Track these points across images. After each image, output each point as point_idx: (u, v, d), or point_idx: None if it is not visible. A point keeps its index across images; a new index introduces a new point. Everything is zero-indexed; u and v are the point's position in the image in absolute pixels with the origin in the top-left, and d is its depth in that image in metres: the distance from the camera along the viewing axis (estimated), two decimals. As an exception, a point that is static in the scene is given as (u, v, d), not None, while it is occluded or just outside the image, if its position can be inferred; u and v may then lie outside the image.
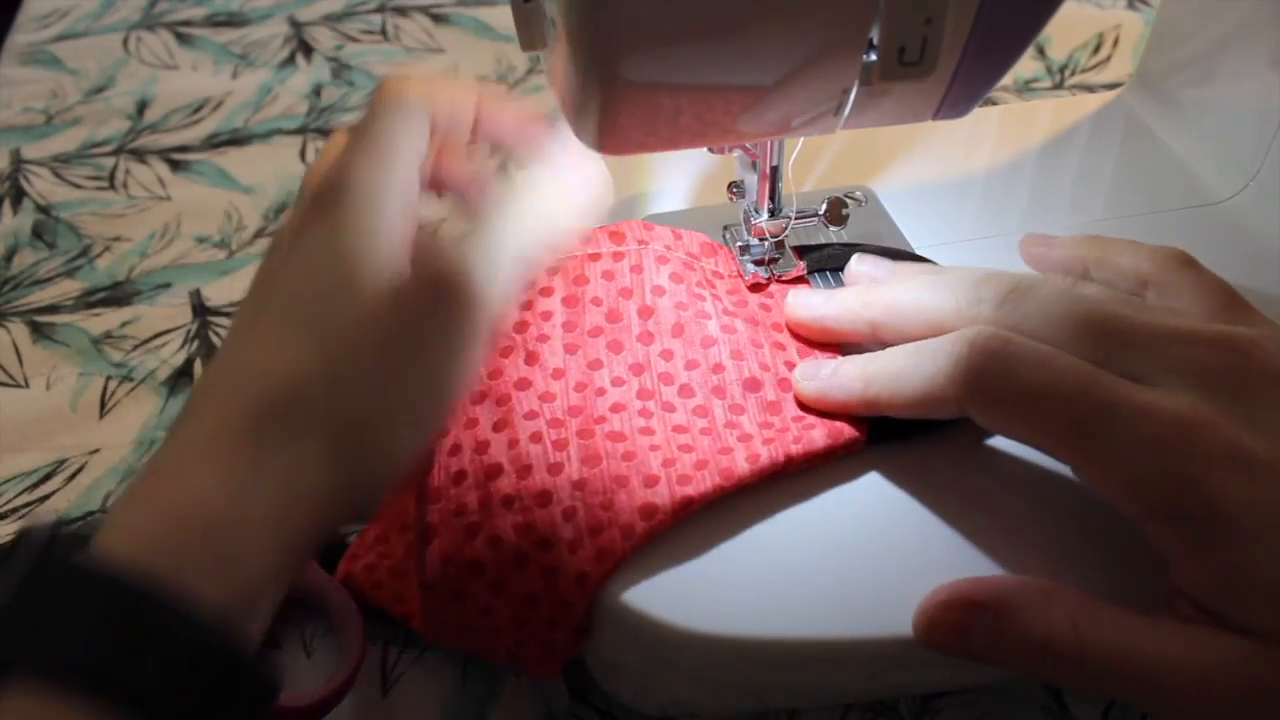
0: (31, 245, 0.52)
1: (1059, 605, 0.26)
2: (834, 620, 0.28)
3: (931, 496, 0.30)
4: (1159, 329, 0.27)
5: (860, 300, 0.32)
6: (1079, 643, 0.25)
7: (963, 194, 0.41)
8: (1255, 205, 0.39)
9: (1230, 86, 0.40)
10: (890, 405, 0.30)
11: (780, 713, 0.33)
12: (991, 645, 0.26)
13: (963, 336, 0.28)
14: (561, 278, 0.35)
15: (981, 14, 0.26)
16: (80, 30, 0.67)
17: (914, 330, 0.30)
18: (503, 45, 0.64)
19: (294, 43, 0.65)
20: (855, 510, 0.30)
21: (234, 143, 0.57)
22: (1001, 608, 0.26)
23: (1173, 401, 0.25)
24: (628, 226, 0.36)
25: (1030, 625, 0.25)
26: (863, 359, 0.31)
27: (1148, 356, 0.27)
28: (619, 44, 0.25)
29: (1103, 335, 0.27)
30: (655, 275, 0.35)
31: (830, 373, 0.31)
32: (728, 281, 0.36)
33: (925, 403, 0.29)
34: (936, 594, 0.27)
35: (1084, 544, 0.29)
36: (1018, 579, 0.27)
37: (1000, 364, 0.27)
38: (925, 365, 0.29)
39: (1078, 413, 0.26)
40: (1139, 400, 0.26)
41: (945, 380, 0.28)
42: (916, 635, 0.27)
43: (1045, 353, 0.27)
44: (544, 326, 0.34)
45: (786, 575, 0.29)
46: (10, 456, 0.42)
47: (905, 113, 0.29)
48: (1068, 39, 0.61)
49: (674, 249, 0.36)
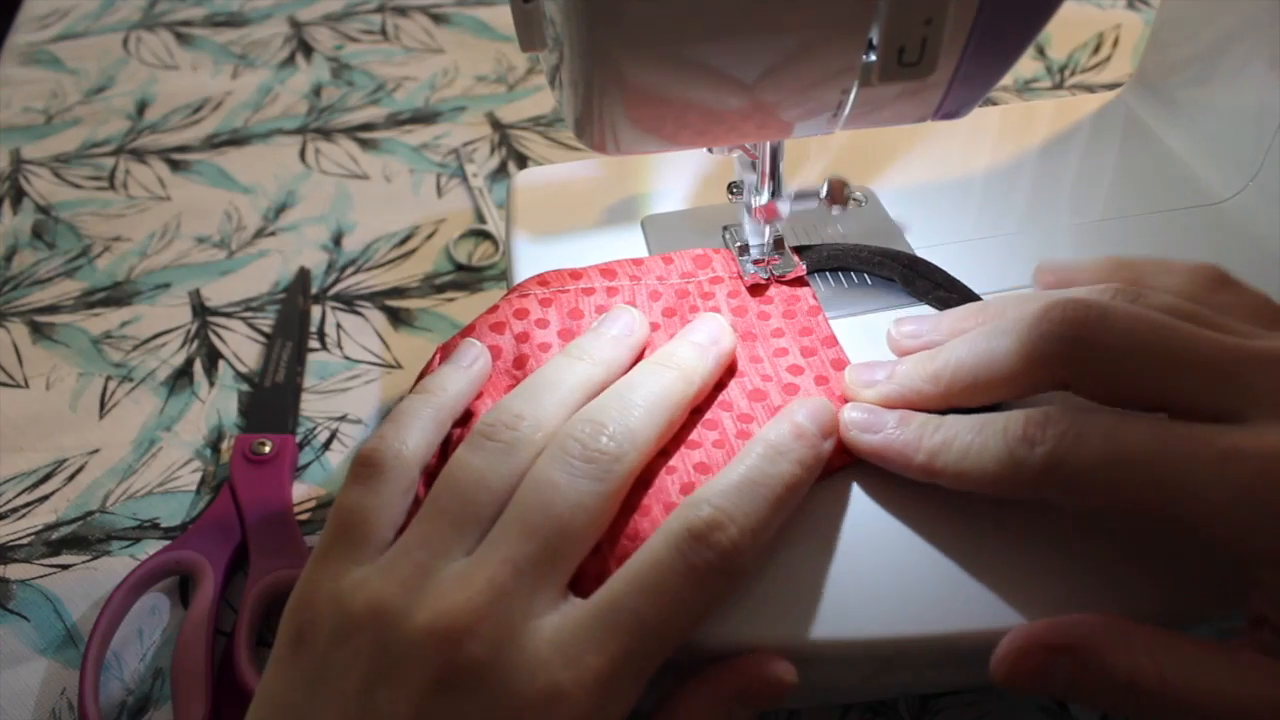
0: (31, 245, 0.52)
1: (1139, 643, 0.25)
2: (834, 620, 0.28)
3: (932, 496, 0.30)
4: (1244, 353, 0.26)
5: (927, 376, 0.30)
6: (1160, 681, 0.24)
7: (963, 194, 0.41)
8: (1255, 205, 0.39)
9: (1230, 86, 0.40)
10: (956, 481, 0.28)
11: (780, 712, 0.33)
12: (1073, 687, 0.25)
13: (1032, 420, 0.27)
14: (556, 311, 0.34)
15: (981, 14, 0.26)
16: (80, 30, 0.67)
17: (989, 389, 0.29)
18: (503, 45, 0.64)
19: (294, 43, 0.65)
20: (855, 510, 0.30)
21: (234, 143, 0.58)
22: (1082, 651, 0.25)
23: (1263, 437, 0.25)
24: (618, 265, 0.36)
25: (1113, 666, 0.25)
26: (923, 426, 0.29)
27: (1236, 387, 0.26)
28: (618, 45, 0.25)
29: (1189, 366, 0.26)
30: (650, 311, 0.35)
31: (885, 437, 0.30)
32: (727, 285, 0.36)
33: (997, 486, 0.27)
34: (1014, 639, 0.26)
35: (1089, 542, 0.29)
36: (1094, 617, 0.26)
37: (1072, 445, 0.26)
38: (995, 446, 0.27)
39: (1161, 476, 0.25)
40: (1223, 445, 0.25)
41: (1017, 467, 0.27)
42: (995, 679, 0.26)
43: (1115, 422, 0.26)
44: (542, 358, 0.33)
45: (786, 575, 0.29)
46: (10, 456, 0.42)
47: (905, 113, 0.29)
48: (1068, 39, 0.61)
49: (667, 278, 0.36)
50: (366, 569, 0.27)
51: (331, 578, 0.27)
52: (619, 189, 0.41)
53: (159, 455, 0.42)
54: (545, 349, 0.33)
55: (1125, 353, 0.27)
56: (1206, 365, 0.26)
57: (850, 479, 0.31)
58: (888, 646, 0.28)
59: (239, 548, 0.37)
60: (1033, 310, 0.28)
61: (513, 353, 0.33)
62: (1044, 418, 0.27)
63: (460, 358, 0.32)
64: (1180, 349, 0.26)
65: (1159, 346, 0.26)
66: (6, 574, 0.38)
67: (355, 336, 0.46)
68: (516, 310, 0.34)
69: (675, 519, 0.27)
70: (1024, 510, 0.30)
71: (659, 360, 0.31)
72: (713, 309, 0.35)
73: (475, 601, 0.25)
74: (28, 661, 0.35)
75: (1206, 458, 0.25)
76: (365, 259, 0.50)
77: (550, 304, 0.35)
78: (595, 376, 0.31)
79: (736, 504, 0.27)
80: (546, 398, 0.30)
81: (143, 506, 0.40)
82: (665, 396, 0.30)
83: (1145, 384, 0.27)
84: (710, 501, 0.27)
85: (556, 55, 0.28)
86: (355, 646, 0.26)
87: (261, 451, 0.40)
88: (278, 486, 0.39)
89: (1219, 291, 0.30)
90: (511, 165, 0.55)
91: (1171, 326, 0.27)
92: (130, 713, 0.34)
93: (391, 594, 0.26)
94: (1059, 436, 0.26)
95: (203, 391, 0.44)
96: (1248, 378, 0.26)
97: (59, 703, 0.34)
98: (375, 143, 0.57)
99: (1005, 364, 0.28)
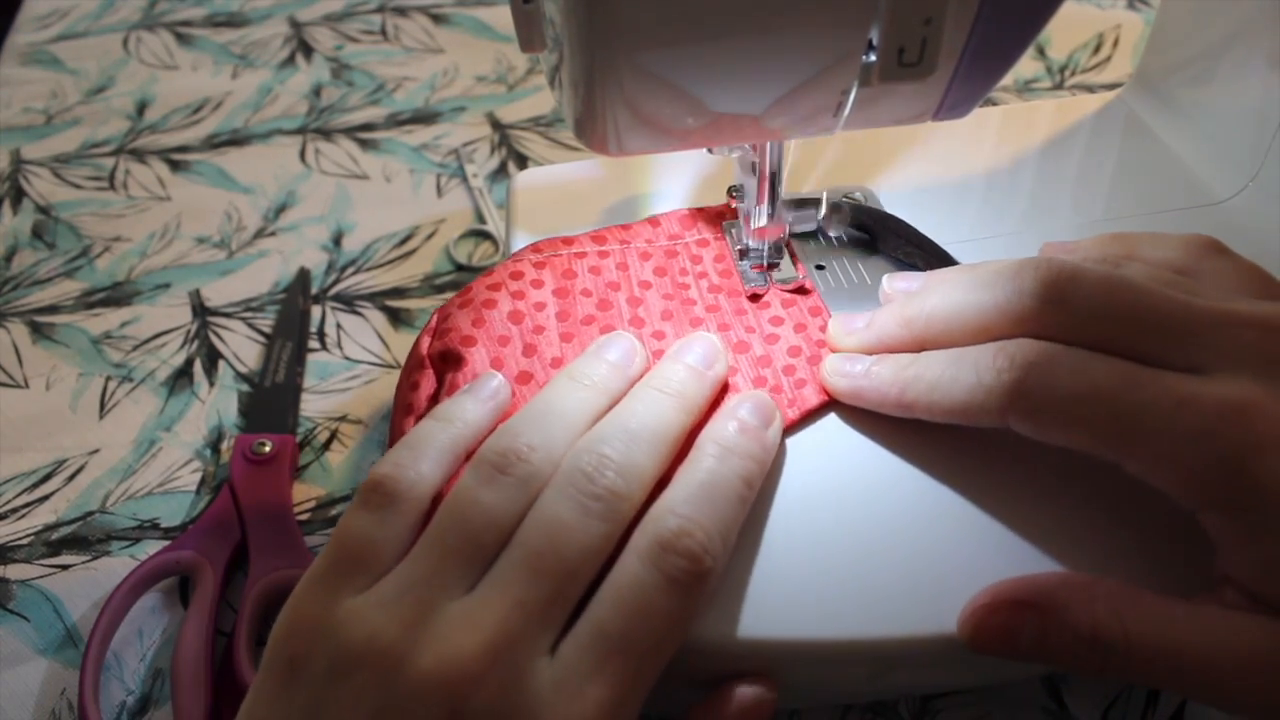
0: (31, 245, 0.52)
1: (1102, 598, 0.26)
2: (834, 620, 0.28)
3: (932, 496, 0.30)
4: (1209, 313, 0.27)
5: (900, 320, 0.31)
6: (1124, 635, 0.25)
7: (963, 194, 0.41)
8: (1255, 205, 0.39)
9: (1230, 86, 0.40)
10: (928, 412, 0.30)
11: (780, 713, 0.33)
12: (1039, 644, 0.26)
13: (1003, 350, 0.28)
14: (550, 272, 0.36)
15: (981, 14, 0.26)
16: (80, 30, 0.67)
17: (960, 337, 0.30)
18: (503, 45, 0.64)
19: (294, 43, 0.65)
20: (855, 510, 0.30)
21: (234, 143, 0.58)
22: (1046, 605, 0.26)
23: (1218, 389, 0.25)
24: (608, 231, 0.38)
25: (1077, 620, 0.25)
26: (897, 361, 0.31)
27: (1200, 344, 0.26)
28: (618, 46, 0.25)
29: (1154, 325, 0.27)
30: (640, 271, 0.36)
31: (864, 371, 0.31)
32: (714, 248, 0.37)
33: (965, 413, 0.29)
34: (979, 598, 0.27)
35: (1091, 543, 0.29)
36: (1057, 575, 0.27)
37: (1040, 376, 0.27)
38: (965, 376, 0.28)
39: (1121, 414, 0.26)
40: (1182, 392, 0.25)
41: (985, 393, 0.28)
42: (963, 640, 0.26)
43: (1084, 358, 0.27)
44: (538, 317, 0.34)
45: (786, 576, 0.29)
46: (10, 456, 0.42)
47: (905, 113, 0.29)
48: (1068, 39, 0.61)
49: (655, 240, 0.37)
50: (364, 600, 0.26)
51: (326, 605, 0.26)
52: (619, 189, 0.41)
53: (159, 455, 0.42)
54: (540, 308, 0.35)
55: (1093, 312, 0.28)
56: (1172, 325, 0.27)
57: (850, 479, 0.31)
58: (888, 646, 0.28)
59: (239, 548, 0.37)
60: (1008, 265, 0.29)
61: (508, 307, 0.35)
62: (1015, 348, 0.28)
63: (480, 390, 0.32)
64: (1147, 310, 0.27)
65: (1126, 307, 0.27)
66: (6, 574, 0.38)
67: (355, 336, 0.46)
68: (512, 272, 0.36)
69: (641, 535, 0.27)
70: (1024, 510, 0.30)
71: (658, 386, 0.31)
72: (700, 274, 0.36)
73: (483, 647, 0.25)
74: (28, 661, 0.35)
75: (1164, 402, 0.25)
76: (365, 259, 0.50)
77: (544, 266, 0.36)
78: (600, 406, 0.30)
79: (699, 509, 0.27)
80: (556, 428, 0.29)
81: (143, 507, 0.40)
82: (668, 430, 0.29)
83: (1114, 339, 0.27)
84: (674, 511, 0.27)
85: (556, 55, 0.28)
86: (357, 686, 0.25)
87: (261, 451, 0.40)
88: (278, 486, 0.39)
89: (1209, 258, 0.31)
90: (511, 165, 0.55)
91: (1140, 288, 0.28)
92: (130, 713, 0.34)
93: (395, 632, 0.25)
94: (1028, 366, 0.27)
95: (203, 391, 0.44)
96: (1211, 336, 0.27)
97: (59, 703, 0.34)
98: (375, 143, 0.57)
99: (977, 315, 0.29)
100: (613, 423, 0.29)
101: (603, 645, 0.25)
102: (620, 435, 0.29)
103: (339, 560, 0.27)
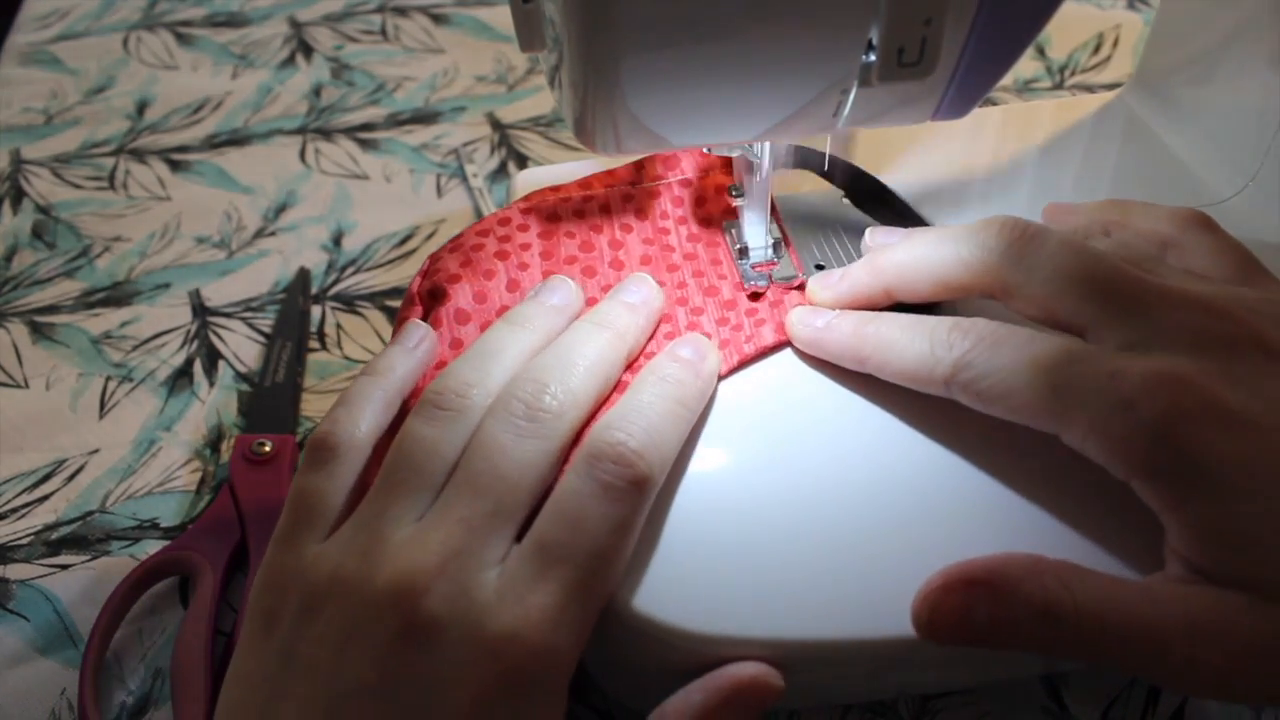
0: (31, 245, 0.52)
1: (1053, 573, 0.26)
2: (834, 620, 0.28)
3: (931, 496, 0.30)
4: (1161, 291, 0.28)
5: (870, 270, 0.33)
6: (1074, 606, 0.25)
7: (963, 194, 0.41)
8: (1255, 205, 0.39)
9: (1230, 86, 0.40)
10: (880, 370, 0.31)
11: (780, 712, 0.33)
12: (992, 622, 0.26)
13: (958, 326, 0.29)
14: (535, 216, 0.38)
15: (981, 14, 0.26)
16: (80, 30, 0.67)
17: (925, 289, 0.32)
18: (503, 45, 0.64)
19: (294, 43, 0.65)
20: (854, 510, 0.30)
21: (234, 143, 0.58)
22: (998, 581, 0.26)
23: (1150, 362, 0.26)
24: (594, 178, 0.39)
25: (1030, 595, 0.26)
26: (858, 318, 0.32)
27: (1146, 320, 0.27)
28: (618, 45, 0.25)
29: (1106, 295, 0.28)
30: (623, 215, 0.38)
31: (825, 325, 0.33)
32: (696, 189, 0.39)
33: (914, 379, 0.30)
34: (931, 581, 0.27)
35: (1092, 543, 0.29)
36: (1005, 554, 0.27)
37: (987, 351, 0.28)
38: (919, 344, 0.30)
39: (1057, 385, 0.27)
40: (1115, 365, 0.26)
41: (934, 363, 0.29)
42: (917, 626, 0.27)
43: (1028, 336, 0.28)
44: (523, 255, 0.37)
45: (786, 575, 0.29)
46: (10, 456, 0.42)
47: (905, 113, 0.29)
48: (1068, 39, 0.61)
49: (639, 182, 0.39)
50: (326, 544, 0.28)
51: (292, 556, 0.29)
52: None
53: (159, 455, 0.42)
54: (526, 248, 0.37)
55: (1048, 275, 0.29)
56: (1120, 298, 0.28)
57: (848, 480, 0.31)
58: (888, 646, 0.28)
59: (239, 548, 0.37)
60: (979, 223, 0.31)
61: (494, 248, 0.37)
62: (970, 324, 0.29)
63: (406, 339, 0.33)
64: (1102, 280, 0.28)
65: (1082, 272, 0.28)
66: (6, 574, 0.38)
67: (355, 336, 0.46)
68: (500, 218, 0.38)
69: (579, 452, 0.29)
70: (1024, 510, 0.30)
71: (595, 320, 0.33)
72: (680, 219, 0.38)
73: (430, 560, 0.27)
74: (28, 661, 0.35)
75: (1098, 373, 0.26)
76: (365, 259, 0.50)
77: (531, 213, 0.38)
78: (537, 345, 0.32)
79: (633, 420, 0.29)
80: (493, 365, 0.31)
81: (142, 506, 0.40)
82: (603, 356, 0.31)
83: (1064, 304, 0.28)
84: (609, 425, 0.29)
85: (556, 55, 0.28)
86: (326, 617, 0.27)
87: (261, 452, 0.40)
88: (278, 487, 0.39)
89: (1192, 231, 0.32)
90: (511, 165, 0.55)
91: (1099, 258, 0.29)
92: (130, 713, 0.34)
93: (354, 564, 0.27)
94: (977, 339, 0.29)
95: (203, 392, 0.44)
96: (1157, 312, 0.27)
97: (59, 703, 0.34)
98: (375, 143, 0.57)
99: (940, 268, 0.31)
100: (549, 353, 0.31)
101: (543, 554, 0.27)
102: (555, 363, 0.30)
103: (297, 517, 0.29)
